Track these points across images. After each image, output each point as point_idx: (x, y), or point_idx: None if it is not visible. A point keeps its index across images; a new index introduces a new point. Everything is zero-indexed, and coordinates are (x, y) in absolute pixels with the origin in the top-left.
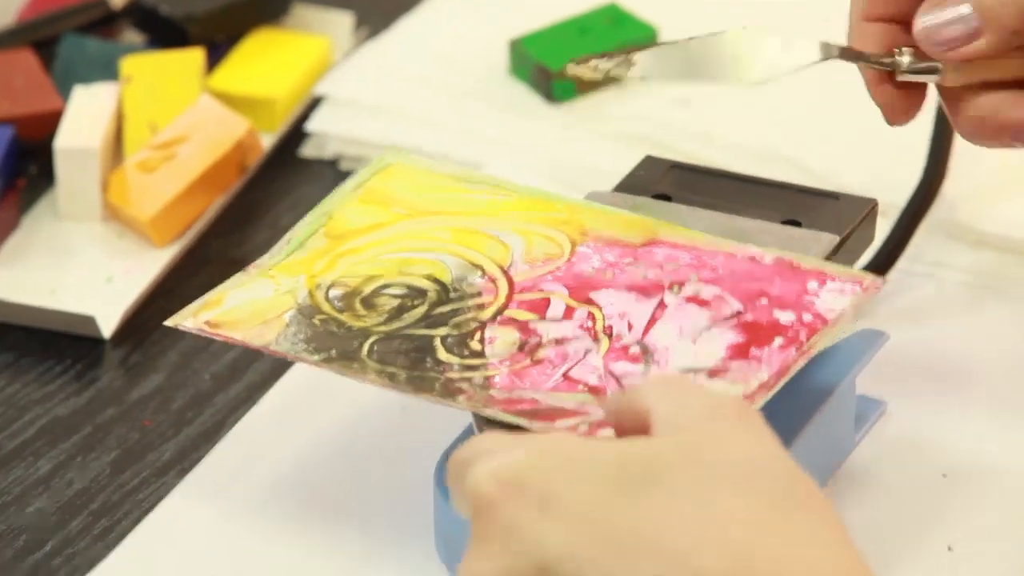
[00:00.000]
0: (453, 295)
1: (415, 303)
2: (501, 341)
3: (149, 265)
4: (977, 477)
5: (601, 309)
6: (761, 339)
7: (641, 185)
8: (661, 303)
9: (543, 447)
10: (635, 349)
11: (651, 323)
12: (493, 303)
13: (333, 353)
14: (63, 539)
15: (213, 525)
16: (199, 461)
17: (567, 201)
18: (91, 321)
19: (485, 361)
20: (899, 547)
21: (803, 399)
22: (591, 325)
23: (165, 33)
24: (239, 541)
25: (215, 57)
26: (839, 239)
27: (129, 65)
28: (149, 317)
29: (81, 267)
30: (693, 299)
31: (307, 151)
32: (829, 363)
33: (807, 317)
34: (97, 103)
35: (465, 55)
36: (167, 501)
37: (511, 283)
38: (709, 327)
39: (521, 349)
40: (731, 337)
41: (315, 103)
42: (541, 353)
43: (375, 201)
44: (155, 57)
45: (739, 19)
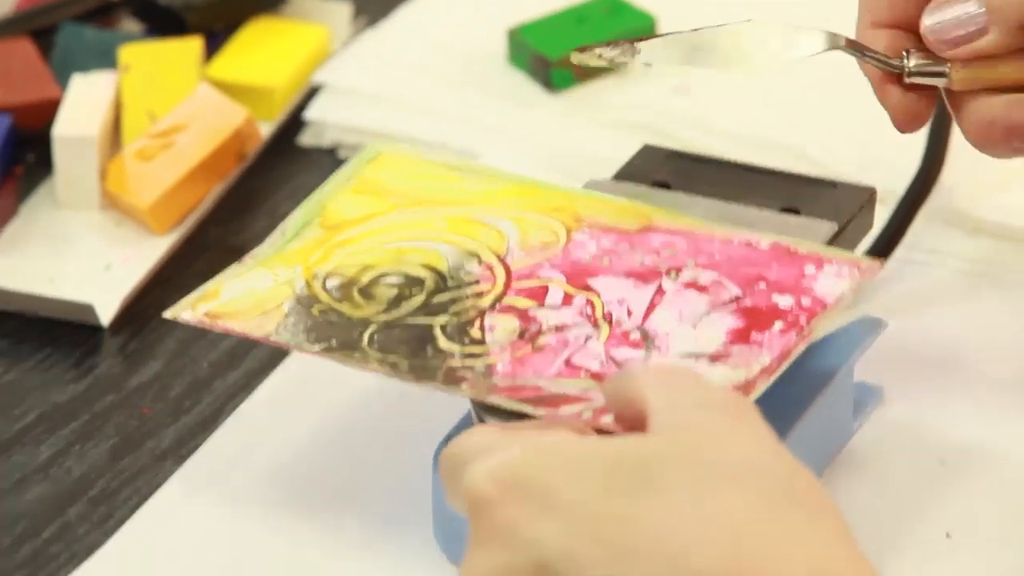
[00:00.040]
0: (451, 283)
1: (413, 292)
2: (501, 329)
3: (147, 253)
4: (975, 463)
5: (600, 295)
6: (761, 324)
7: (640, 173)
8: (659, 289)
9: (540, 446)
10: (636, 335)
11: (650, 309)
12: (491, 291)
13: (334, 343)
14: (61, 526)
15: (211, 512)
16: (197, 448)
17: (559, 189)
18: (89, 309)
19: (486, 349)
20: (897, 534)
21: (802, 386)
22: (590, 312)
23: (163, 22)
24: (237, 528)
25: (213, 46)
26: (838, 227)
27: (127, 54)
28: (147, 305)
29: (79, 255)
30: (691, 285)
31: (305, 139)
32: (827, 350)
33: (806, 301)
34: (95, 92)
35: (463, 44)
36: (165, 488)
37: (508, 271)
38: (708, 312)
39: (521, 336)
40: (731, 322)
41: (313, 92)
42: (542, 340)
43: (368, 191)
44: (153, 46)
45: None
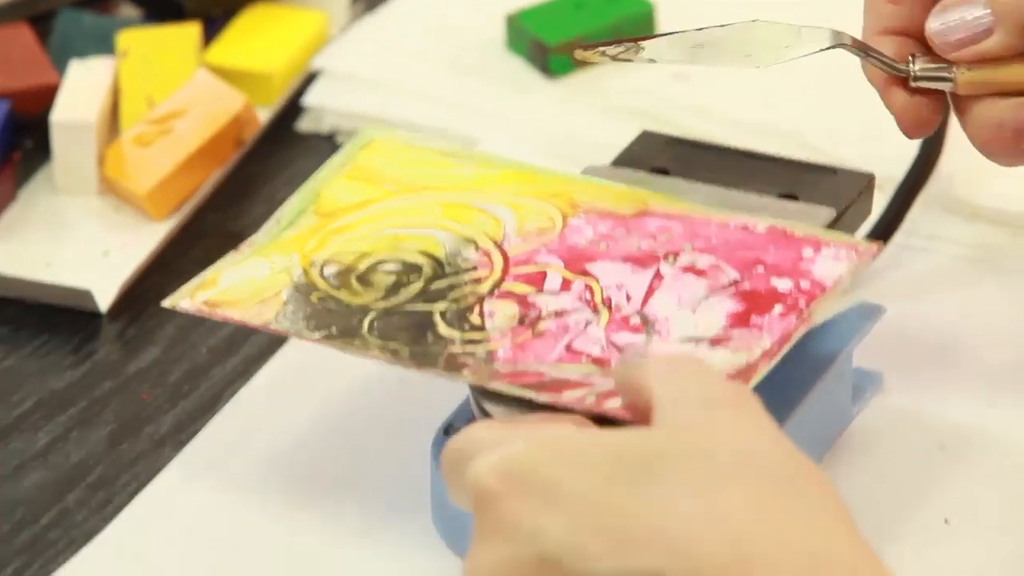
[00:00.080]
0: (448, 270)
1: (411, 279)
2: (501, 315)
3: (146, 239)
4: (974, 449)
5: (598, 280)
6: (761, 307)
7: (638, 159)
8: (657, 273)
9: (542, 439)
10: (635, 320)
11: (649, 293)
12: (489, 277)
13: (334, 330)
14: (60, 512)
15: (210, 498)
16: (196, 434)
17: (554, 174)
18: (88, 295)
19: (486, 335)
20: (896, 519)
21: (801, 372)
22: (589, 297)
23: (162, 7)
24: (236, 513)
25: (212, 31)
26: (836, 213)
27: (125, 39)
28: (146, 290)
29: (77, 241)
30: (689, 269)
31: (304, 125)
32: (826, 336)
33: (805, 284)
34: (93, 77)
35: (462, 29)
36: (164, 474)
37: (506, 257)
38: (707, 296)
39: (521, 322)
40: (730, 306)
41: (311, 77)
42: (542, 326)
43: (363, 178)
44: (151, 31)
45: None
